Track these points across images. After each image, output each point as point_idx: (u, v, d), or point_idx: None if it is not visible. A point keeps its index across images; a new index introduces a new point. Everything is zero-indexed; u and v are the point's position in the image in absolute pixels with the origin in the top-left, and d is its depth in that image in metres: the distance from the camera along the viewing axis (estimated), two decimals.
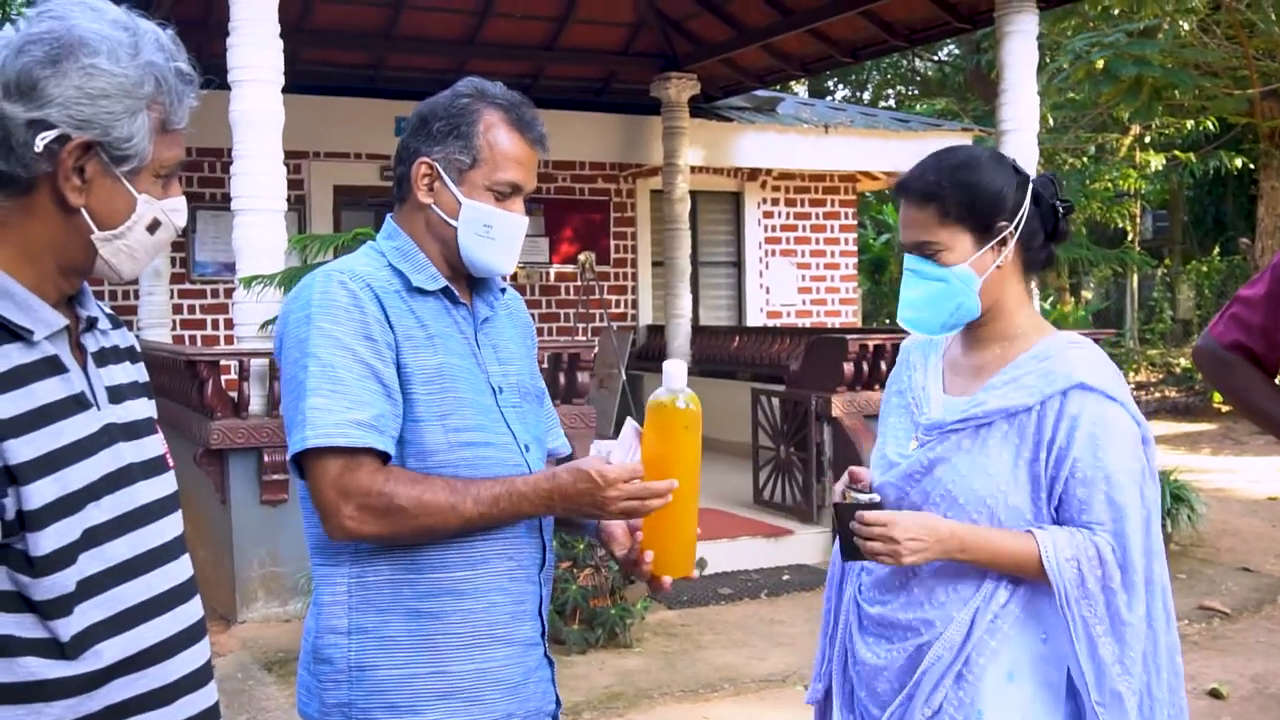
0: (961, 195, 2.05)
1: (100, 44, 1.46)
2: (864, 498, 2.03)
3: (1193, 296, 21.81)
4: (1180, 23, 15.71)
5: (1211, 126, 17.81)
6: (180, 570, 1.61)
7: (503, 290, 2.16)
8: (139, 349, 1.73)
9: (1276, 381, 2.53)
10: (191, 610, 1.62)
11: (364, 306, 1.93)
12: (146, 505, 1.57)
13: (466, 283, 2.10)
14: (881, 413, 2.32)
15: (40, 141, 1.44)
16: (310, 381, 1.88)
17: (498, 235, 2.02)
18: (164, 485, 1.62)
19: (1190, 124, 17.74)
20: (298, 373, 1.91)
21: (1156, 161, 19.47)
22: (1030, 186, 2.10)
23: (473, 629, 1.96)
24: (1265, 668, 5.62)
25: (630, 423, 1.99)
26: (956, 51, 23.58)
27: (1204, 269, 21.44)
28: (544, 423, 2.19)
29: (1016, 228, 2.07)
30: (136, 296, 10.03)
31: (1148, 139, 19.51)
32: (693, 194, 12.69)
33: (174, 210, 1.58)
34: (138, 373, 1.68)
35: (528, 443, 2.06)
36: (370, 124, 11.46)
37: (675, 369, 1.95)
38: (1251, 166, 17.94)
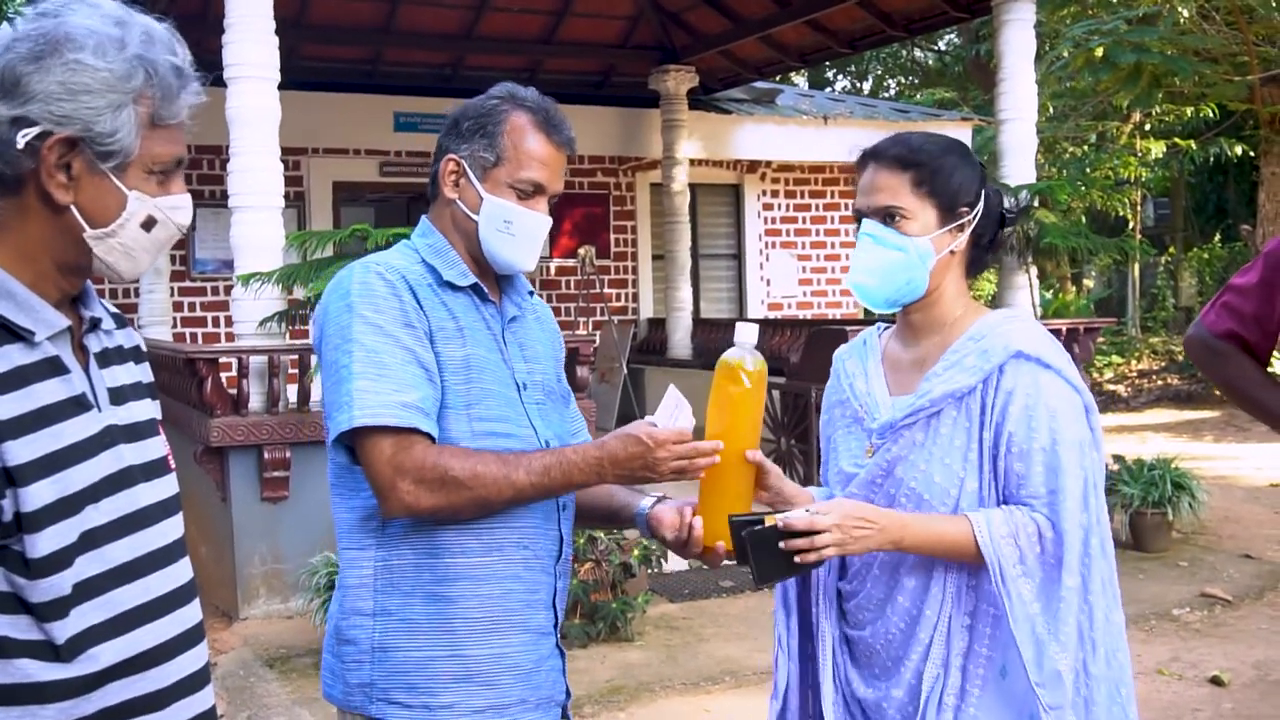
0: (939, 168, 2.06)
1: (86, 38, 1.45)
2: (794, 515, 1.95)
3: (1195, 284, 21.78)
4: (1179, 9, 15.67)
5: (1212, 113, 17.75)
6: (180, 573, 1.61)
7: (530, 293, 2.22)
8: (144, 349, 1.72)
9: (1269, 370, 2.53)
10: (190, 613, 1.61)
11: (401, 296, 1.99)
12: (147, 508, 1.56)
13: (495, 281, 2.16)
14: (823, 430, 2.30)
15: (21, 138, 1.43)
16: (355, 366, 1.93)
17: (518, 231, 2.07)
18: (165, 487, 1.61)
19: (1190, 111, 17.69)
20: (340, 358, 1.96)
21: (1157, 149, 19.43)
22: (984, 188, 2.12)
23: (489, 614, 2.01)
24: (1266, 655, 5.62)
25: (672, 388, 2.03)
26: (956, 41, 23.54)
27: (1206, 256, 21.41)
28: (568, 424, 2.23)
29: (974, 218, 2.08)
30: (137, 294, 10.04)
31: (1148, 126, 19.48)
32: (692, 187, 12.69)
33: (173, 208, 1.56)
34: (141, 373, 1.67)
35: (549, 439, 2.10)
36: (368, 119, 11.46)
37: (746, 329, 2.01)
38: (1252, 153, 17.90)
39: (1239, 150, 18.40)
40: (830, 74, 26.64)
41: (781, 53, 12.09)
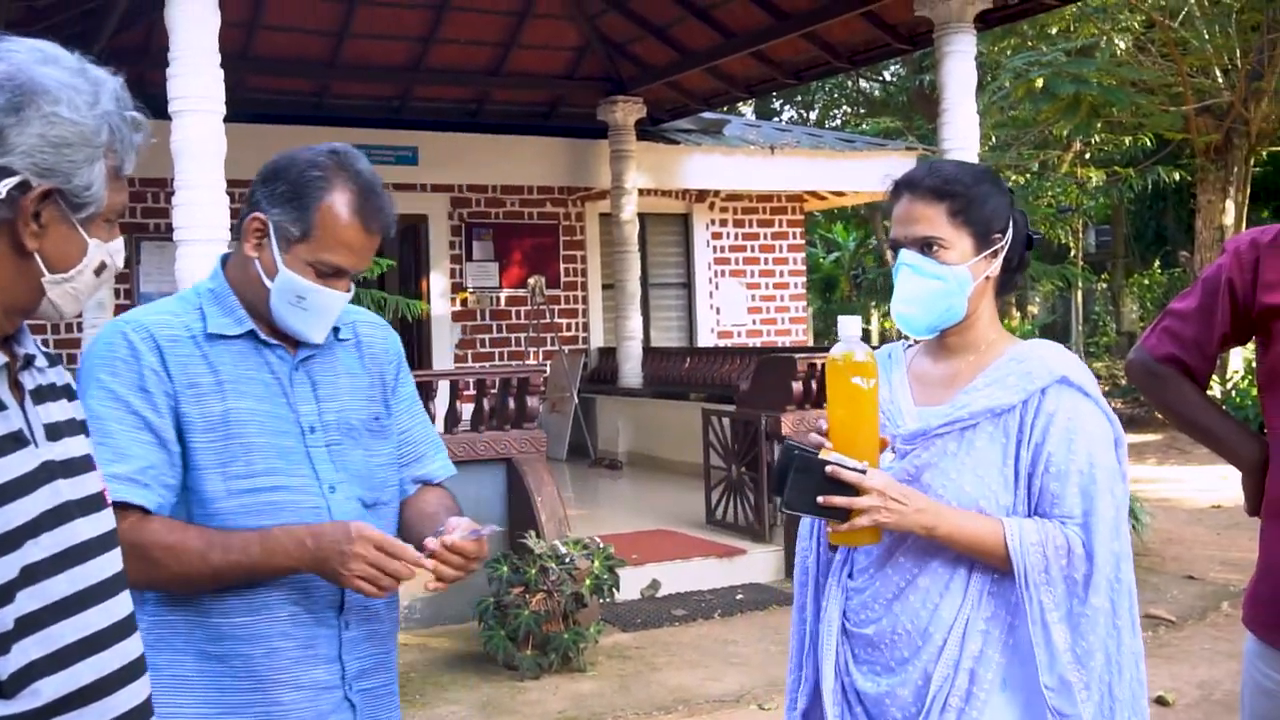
0: (974, 198, 2.12)
1: (61, 92, 1.49)
2: (850, 463, 1.96)
3: (1136, 309, 22.15)
4: (1116, 41, 16.01)
5: (1149, 142, 18.13)
6: (120, 607, 1.60)
7: (335, 329, 2.13)
8: (75, 387, 1.73)
9: (1208, 392, 2.58)
10: (131, 646, 1.61)
11: (142, 357, 1.96)
12: (86, 542, 1.56)
13: None
14: None
15: (3, 188, 1.46)
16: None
17: (310, 307, 2.02)
18: (102, 522, 1.61)
19: (1128, 140, 18.06)
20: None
21: (1097, 177, 19.80)
22: (1013, 213, 2.18)
23: (254, 673, 1.97)
24: (1210, 674, 5.70)
25: (466, 523, 2.01)
26: (900, 71, 23.87)
27: (1146, 282, 21.79)
28: (378, 458, 2.15)
29: (1007, 242, 2.14)
30: (80, 329, 9.92)
31: (1088, 155, 19.83)
32: (641, 216, 12.75)
33: (117, 252, 1.61)
34: (75, 410, 1.67)
35: (335, 483, 2.05)
36: None
37: (850, 323, 2.01)
38: (1190, 180, 18.27)
39: (1176, 177, 18.77)
40: (777, 104, 26.90)
41: (728, 84, 12.20)
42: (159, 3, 6.37)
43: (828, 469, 1.95)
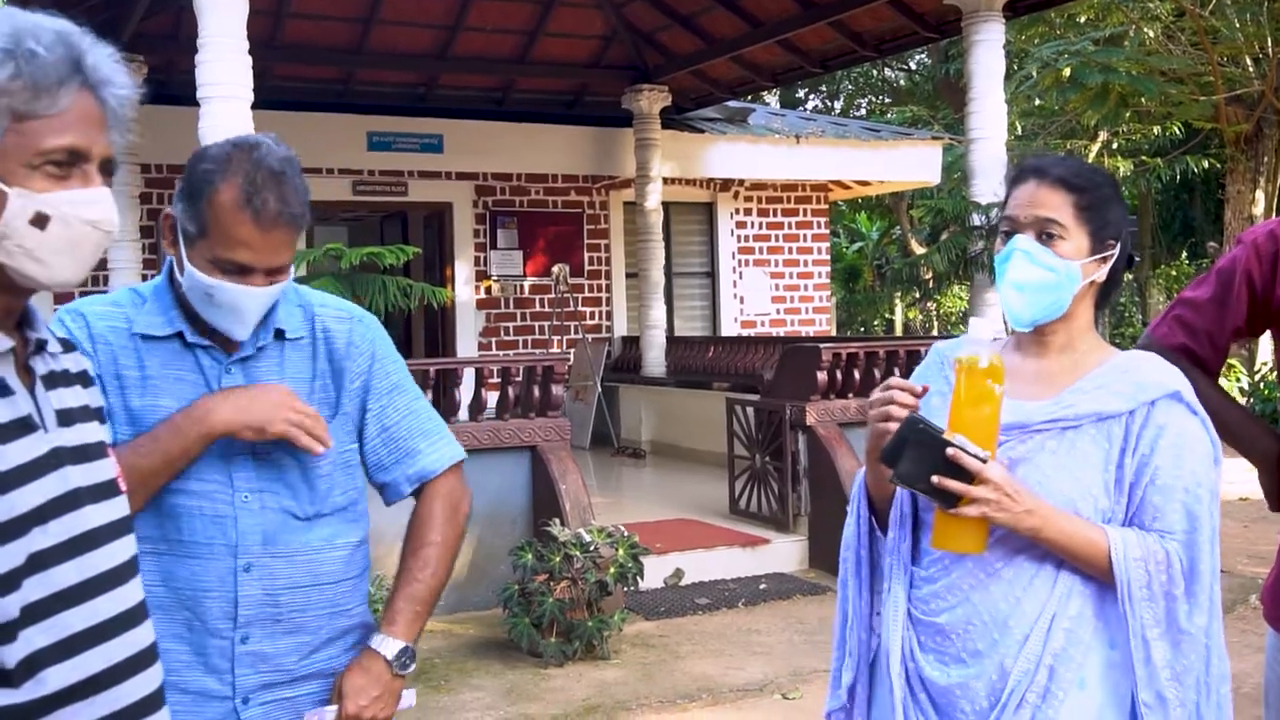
0: (1101, 196, 2.09)
1: None
2: (973, 449, 1.92)
3: (1162, 300, 21.97)
4: (1145, 30, 15.87)
5: (1178, 132, 17.97)
6: (129, 595, 1.57)
7: (280, 331, 2.06)
8: (92, 373, 1.70)
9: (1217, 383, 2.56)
10: (142, 635, 1.58)
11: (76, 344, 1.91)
12: (95, 529, 1.52)
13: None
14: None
15: None
16: None
17: (221, 304, 1.95)
18: (114, 509, 1.57)
19: (1157, 130, 17.90)
20: None
21: (1125, 167, 19.63)
22: (1127, 225, 2.16)
23: None
24: (1239, 668, 5.64)
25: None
26: (926, 61, 23.75)
27: (1173, 273, 21.61)
28: (314, 471, 2.05)
29: (1119, 251, 2.12)
30: None
31: (1115, 145, 19.67)
32: (666, 205, 12.74)
33: (75, 202, 1.49)
34: (90, 397, 1.64)
35: (251, 491, 1.99)
36: (341, 139, 11.46)
37: (981, 325, 1.99)
38: (1219, 170, 18.12)
39: (1205, 166, 18.61)
40: (802, 93, 26.80)
41: (754, 72, 12.17)
42: None
43: (949, 451, 1.92)
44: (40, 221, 1.45)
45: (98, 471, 1.56)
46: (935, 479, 1.92)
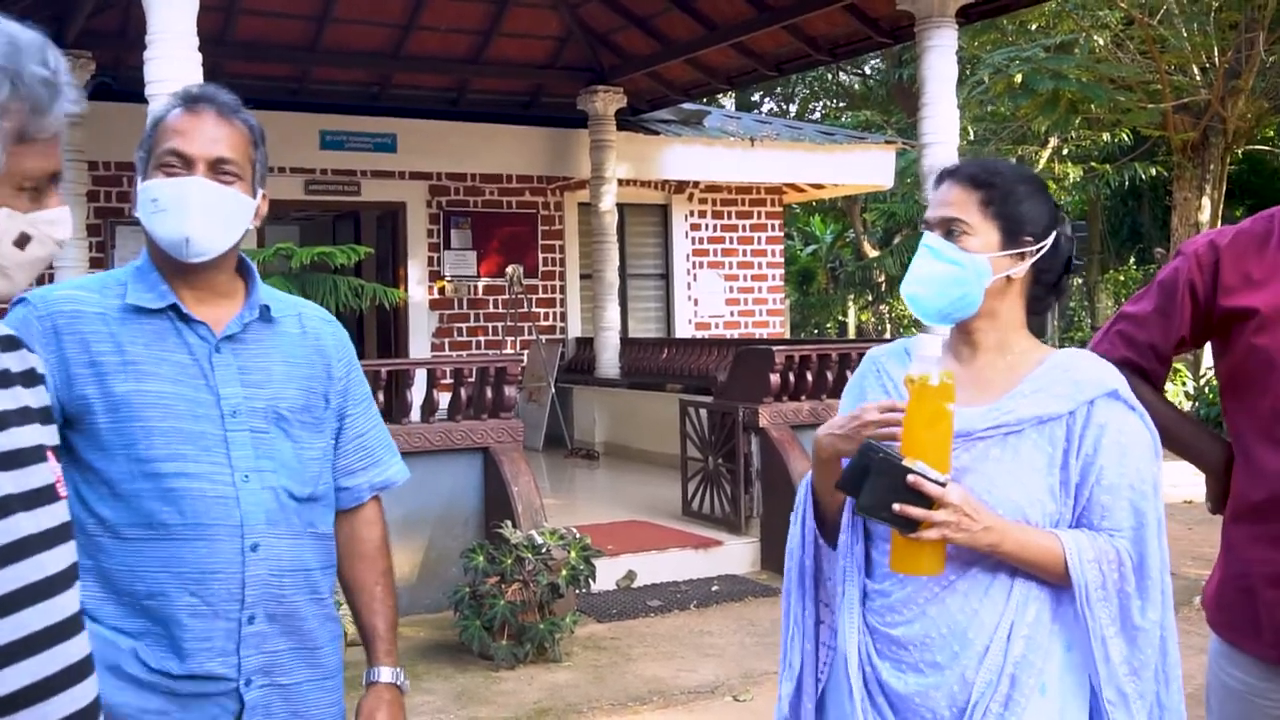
0: (1009, 191, 2.10)
1: None
2: (933, 474, 1.92)
3: (1111, 305, 22.25)
4: (1095, 38, 16.08)
5: (1127, 139, 18.22)
6: (63, 605, 1.50)
7: (266, 307, 2.09)
8: (40, 371, 1.64)
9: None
10: (74, 648, 1.51)
11: (32, 332, 1.91)
12: (25, 538, 1.45)
13: (229, 297, 2.07)
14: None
15: None
16: None
17: (167, 205, 1.97)
18: (49, 516, 1.50)
19: (1106, 136, 18.14)
20: None
21: (1074, 173, 19.88)
22: (1057, 229, 2.15)
23: (163, 657, 1.94)
24: (1185, 668, 5.73)
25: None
26: (880, 65, 23.90)
27: (1121, 278, 21.89)
28: (309, 452, 2.08)
29: (1038, 251, 2.11)
30: None
31: (1065, 151, 19.91)
32: (620, 207, 12.73)
33: (49, 222, 1.48)
34: (32, 397, 1.56)
35: (251, 472, 1.98)
36: (294, 137, 11.36)
37: (929, 342, 1.98)
38: (1166, 177, 18.37)
39: (1153, 174, 18.86)
40: (757, 96, 26.90)
41: (709, 75, 12.19)
42: None
43: (910, 479, 1.91)
44: (22, 242, 1.46)
45: (31, 477, 1.49)
46: (897, 507, 1.91)
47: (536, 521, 6.55)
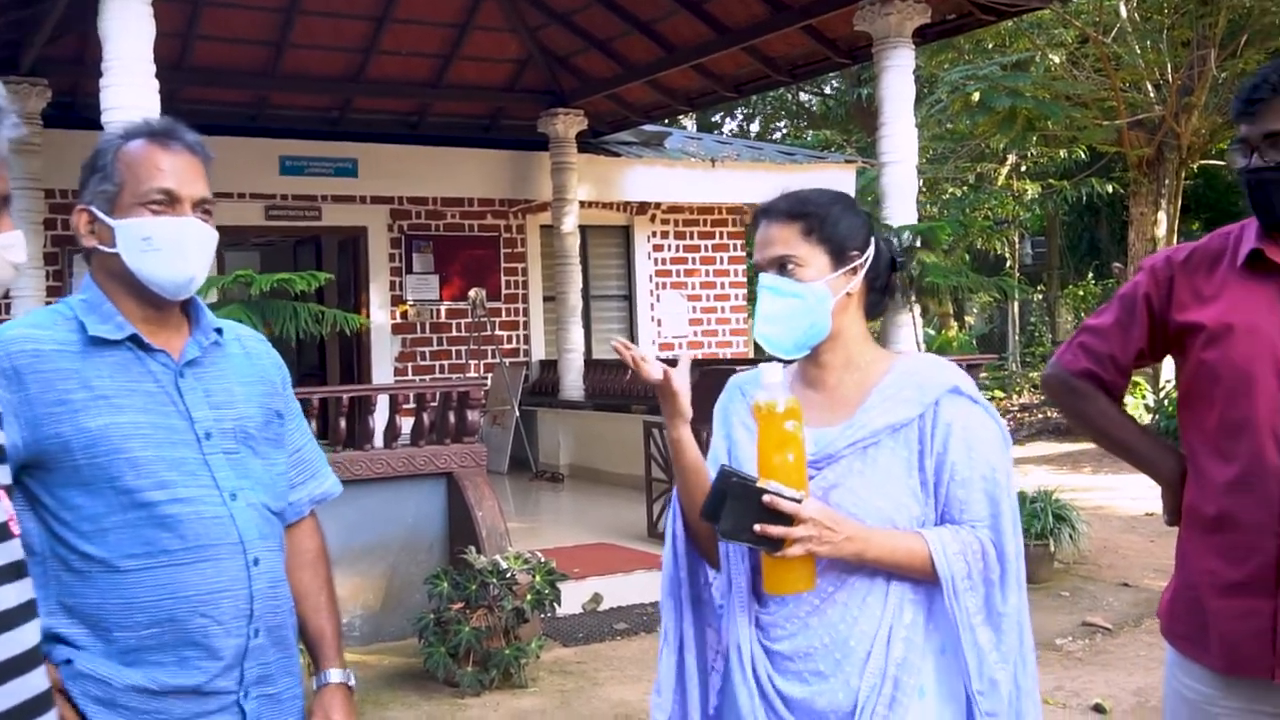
0: (825, 216, 2.17)
1: None
2: (788, 492, 1.97)
3: (1071, 320, 22.47)
4: (1051, 56, 16.27)
5: (1083, 155, 18.42)
6: (21, 640, 1.48)
7: (218, 330, 2.12)
8: None
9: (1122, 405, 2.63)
10: (35, 680, 1.49)
11: None
12: None
13: (179, 323, 2.08)
14: (724, 450, 2.30)
15: None
16: None
17: (162, 244, 1.99)
18: (2, 554, 1.48)
19: (1063, 153, 18.34)
20: None
21: (1033, 189, 20.08)
22: (874, 236, 2.23)
23: (172, 681, 1.94)
24: (1146, 681, 5.78)
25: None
26: (840, 85, 24.08)
27: (1080, 293, 22.12)
28: (275, 467, 2.14)
29: (866, 260, 2.19)
30: None
31: (1024, 168, 20.12)
32: (582, 228, 12.75)
33: (4, 246, 1.49)
34: None
35: (234, 490, 2.01)
36: (254, 163, 11.31)
37: (772, 370, 2.02)
38: (1123, 193, 18.58)
39: (1109, 190, 19.07)
40: (718, 117, 27.02)
41: (669, 96, 12.24)
42: (93, 12, 6.27)
43: (765, 498, 1.95)
44: None
45: None
46: (758, 527, 1.96)
47: (501, 546, 6.52)
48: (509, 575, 5.93)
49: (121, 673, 1.92)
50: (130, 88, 6.23)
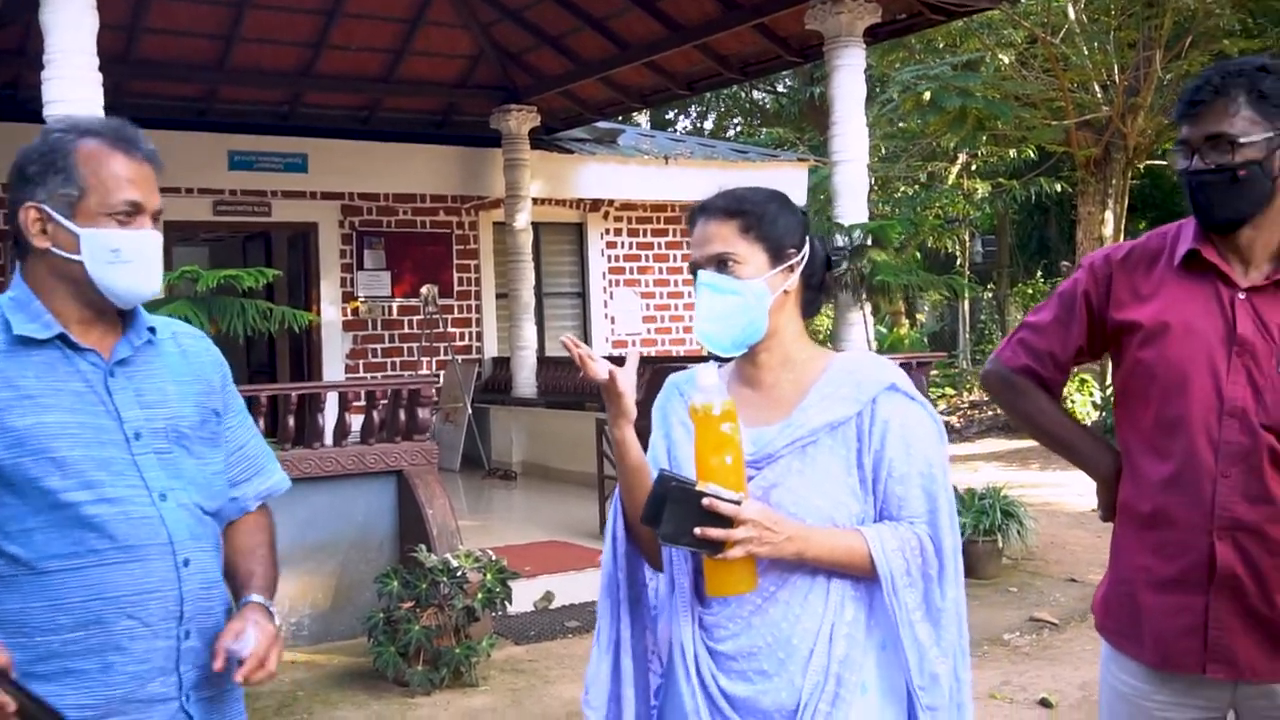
0: (763, 214, 2.17)
1: None
2: (727, 494, 1.97)
3: (1020, 318, 22.65)
4: (1000, 56, 16.42)
5: (1032, 155, 18.60)
6: None
7: (151, 329, 2.09)
8: None
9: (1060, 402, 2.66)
10: None
11: None
12: None
13: (113, 324, 2.04)
14: (663, 449, 2.29)
15: None
16: None
17: (131, 257, 1.97)
18: None
19: (1013, 152, 18.50)
20: None
21: (983, 188, 20.25)
22: (809, 234, 2.24)
23: (90, 690, 1.89)
24: (1091, 675, 5.84)
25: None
26: (792, 83, 24.17)
27: (1029, 291, 22.32)
28: (210, 467, 2.10)
29: (803, 258, 2.20)
30: None
31: (974, 167, 20.28)
32: (535, 225, 12.71)
33: None
34: None
35: (165, 490, 1.98)
36: (203, 158, 11.19)
37: (708, 372, 2.02)
38: (1071, 192, 18.78)
39: (1058, 189, 19.27)
40: (672, 114, 27.04)
41: (622, 93, 12.23)
42: (34, 3, 6.17)
43: (704, 501, 1.95)
44: None
45: None
46: (698, 531, 1.96)
47: (452, 544, 6.49)
48: (460, 574, 5.90)
49: (38, 685, 1.86)
50: (73, 80, 6.13)
